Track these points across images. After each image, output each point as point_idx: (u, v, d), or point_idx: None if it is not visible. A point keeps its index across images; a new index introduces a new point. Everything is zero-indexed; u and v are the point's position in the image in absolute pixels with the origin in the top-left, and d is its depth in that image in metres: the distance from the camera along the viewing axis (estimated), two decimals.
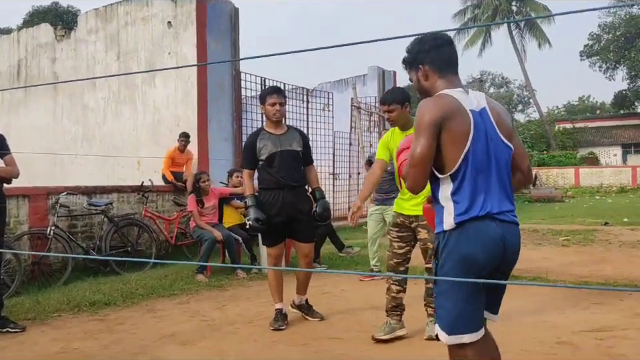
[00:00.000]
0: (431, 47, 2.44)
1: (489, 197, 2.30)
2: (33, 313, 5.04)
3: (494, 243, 2.29)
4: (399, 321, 4.27)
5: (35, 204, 6.99)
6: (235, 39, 10.01)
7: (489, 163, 2.32)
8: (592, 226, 12.30)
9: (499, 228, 2.30)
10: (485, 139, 2.32)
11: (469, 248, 2.28)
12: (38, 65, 12.00)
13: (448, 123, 2.27)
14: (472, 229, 2.28)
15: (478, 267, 2.28)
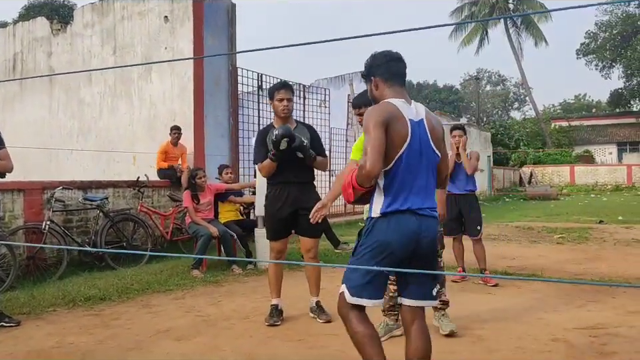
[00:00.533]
0: (381, 61, 2.84)
1: (414, 194, 2.71)
2: (27, 308, 5.03)
3: (410, 234, 2.69)
4: (396, 321, 4.27)
5: (30, 198, 6.97)
6: (232, 35, 9.99)
7: (419, 166, 2.73)
8: (587, 224, 12.35)
9: (417, 221, 2.71)
10: (419, 145, 2.72)
11: (387, 235, 2.68)
12: (34, 59, 11.94)
13: (393, 123, 2.66)
14: (394, 220, 2.69)
15: (387, 252, 2.68)
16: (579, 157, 35.94)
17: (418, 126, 2.73)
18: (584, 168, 33.47)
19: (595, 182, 31.59)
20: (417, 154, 2.72)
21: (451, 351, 3.87)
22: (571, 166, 33.58)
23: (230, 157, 9.80)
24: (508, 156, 34.52)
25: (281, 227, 4.63)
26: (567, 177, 32.91)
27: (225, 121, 9.85)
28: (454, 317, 4.72)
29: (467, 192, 6.20)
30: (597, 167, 34.16)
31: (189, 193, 7.21)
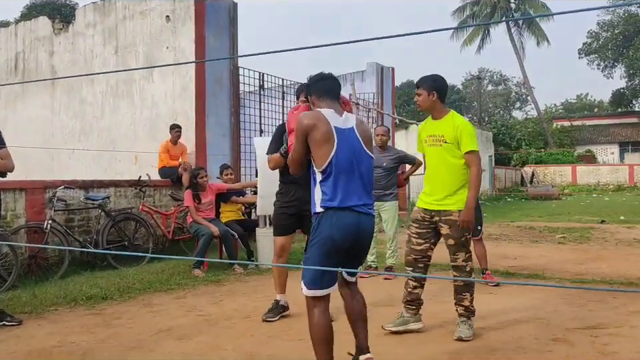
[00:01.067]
0: (314, 81, 3.36)
1: (350, 192, 3.11)
2: (29, 307, 5.03)
3: (350, 228, 3.10)
4: (414, 315, 4.33)
5: (32, 197, 6.98)
6: (234, 34, 9.98)
7: (351, 168, 3.13)
8: (588, 224, 12.35)
9: (356, 217, 3.12)
10: (350, 149, 3.14)
11: (331, 231, 3.07)
12: (36, 59, 11.96)
13: (311, 132, 3.09)
14: (335, 216, 3.08)
15: (335, 245, 3.08)
16: (580, 157, 35.90)
17: (348, 132, 3.16)
18: (586, 168, 33.44)
19: (597, 182, 31.57)
20: (349, 157, 3.13)
21: (452, 350, 3.87)
22: (572, 166, 33.55)
23: (231, 156, 9.80)
24: (510, 156, 34.50)
25: (285, 224, 4.74)
26: (569, 176, 32.88)
27: (226, 121, 9.86)
28: (455, 317, 4.73)
29: None
30: (598, 166, 34.12)
31: (190, 192, 7.22)
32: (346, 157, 3.11)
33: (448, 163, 4.18)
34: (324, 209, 3.10)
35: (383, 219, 6.72)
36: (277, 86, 11.07)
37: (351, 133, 3.18)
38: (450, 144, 4.16)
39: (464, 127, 4.16)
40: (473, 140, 4.17)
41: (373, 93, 14.57)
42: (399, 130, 19.90)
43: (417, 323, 4.34)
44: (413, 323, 4.31)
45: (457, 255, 4.20)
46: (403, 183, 7.19)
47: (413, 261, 4.34)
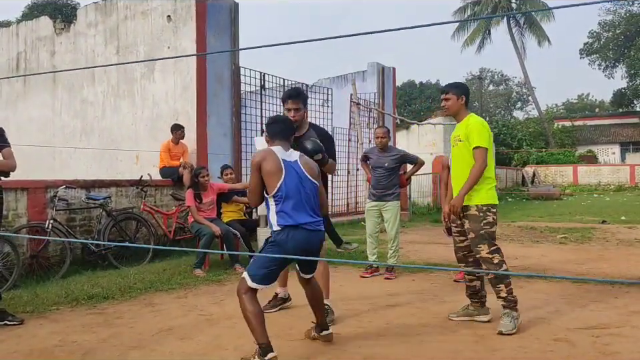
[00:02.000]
0: (268, 125, 4.02)
1: (299, 213, 3.69)
2: (31, 306, 5.04)
3: (300, 241, 3.68)
4: (480, 307, 4.55)
5: (34, 197, 6.99)
6: (235, 34, 9.99)
7: (298, 192, 3.71)
8: (590, 224, 12.34)
9: (305, 233, 3.70)
10: (297, 177, 3.74)
11: (286, 245, 3.65)
12: (37, 59, 11.97)
13: (263, 164, 3.69)
14: (290, 232, 3.66)
15: (286, 252, 3.61)
16: (581, 157, 35.88)
17: (293, 164, 3.78)
18: (587, 168, 33.42)
19: (598, 182, 31.55)
20: (296, 183, 3.72)
21: (453, 350, 3.87)
22: (573, 166, 33.54)
23: (232, 156, 9.81)
24: (510, 156, 34.47)
25: None
26: (570, 176, 32.86)
27: (227, 121, 9.86)
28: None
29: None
30: (600, 166, 34.10)
31: (191, 192, 7.22)
32: (294, 184, 3.71)
33: (465, 161, 4.44)
34: (281, 227, 3.68)
35: (385, 219, 6.71)
36: (278, 86, 11.08)
37: (296, 164, 3.80)
38: (464, 142, 4.44)
39: (474, 124, 4.42)
40: (480, 136, 4.35)
41: (374, 92, 14.57)
42: (400, 130, 19.89)
43: (485, 315, 4.55)
44: (480, 315, 4.54)
45: (479, 247, 4.35)
46: (405, 183, 7.17)
47: (462, 257, 4.67)
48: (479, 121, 4.46)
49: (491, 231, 4.36)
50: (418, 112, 47.42)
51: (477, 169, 4.31)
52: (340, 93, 13.75)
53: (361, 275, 6.65)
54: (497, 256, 4.34)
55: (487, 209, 4.36)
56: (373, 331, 4.37)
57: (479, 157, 4.32)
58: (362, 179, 10.61)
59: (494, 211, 4.40)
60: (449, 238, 5.21)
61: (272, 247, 3.72)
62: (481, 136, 4.35)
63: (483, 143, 4.33)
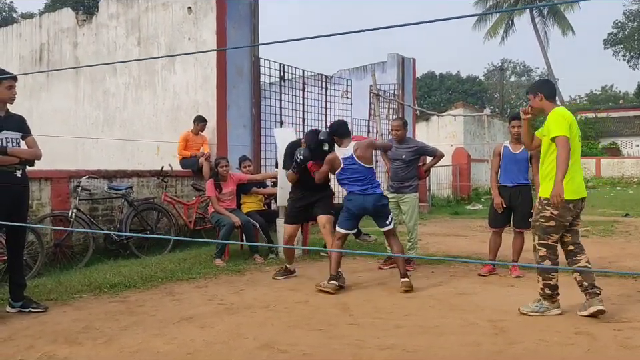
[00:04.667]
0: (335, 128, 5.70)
1: (358, 184, 5.51)
2: (55, 294, 5.14)
3: (360, 203, 5.51)
4: (552, 302, 4.55)
5: (58, 186, 7.10)
6: (255, 25, 10.00)
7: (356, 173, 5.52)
8: (612, 217, 12.17)
9: (361, 197, 5.50)
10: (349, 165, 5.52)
11: (350, 204, 5.56)
12: (60, 50, 12.12)
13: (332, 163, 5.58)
14: (352, 196, 5.55)
15: (351, 209, 5.55)
16: (605, 149, 35.32)
17: (348, 159, 5.53)
18: (610, 160, 32.91)
19: (621, 175, 31.07)
20: (351, 171, 5.51)
21: (473, 342, 3.86)
22: (596, 158, 33.04)
23: (252, 147, 9.85)
24: None
25: (294, 215, 6.04)
26: (593, 169, 32.40)
27: (247, 112, 9.90)
28: (476, 307, 4.72)
29: (519, 184, 6.11)
30: (623, 159, 33.55)
31: (212, 182, 7.26)
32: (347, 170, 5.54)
33: (543, 154, 4.59)
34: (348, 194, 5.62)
35: (403, 211, 6.66)
36: (298, 77, 11.07)
37: (352, 158, 5.53)
38: (544, 136, 4.55)
39: (550, 115, 4.49)
40: (558, 126, 4.38)
41: (394, 84, 14.49)
42: (420, 121, 19.77)
43: (556, 309, 4.55)
44: (552, 309, 4.54)
45: (533, 237, 4.63)
46: (424, 175, 7.10)
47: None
48: (557, 111, 4.55)
49: (545, 225, 4.49)
50: (438, 103, 47.14)
51: (562, 156, 4.32)
52: (359, 84, 13.70)
53: (379, 266, 6.65)
54: (543, 250, 4.55)
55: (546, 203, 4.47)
56: (391, 321, 4.38)
57: (560, 145, 4.34)
58: (381, 171, 10.57)
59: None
60: None
61: (344, 208, 5.61)
62: (558, 125, 4.41)
63: (560, 131, 4.37)
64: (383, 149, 6.89)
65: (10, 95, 4.61)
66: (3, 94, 4.56)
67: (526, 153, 6.03)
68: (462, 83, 52.68)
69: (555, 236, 4.53)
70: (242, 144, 9.59)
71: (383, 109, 13.33)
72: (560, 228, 4.51)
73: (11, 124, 4.63)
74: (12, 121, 4.65)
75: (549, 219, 4.44)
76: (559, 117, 4.42)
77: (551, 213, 4.43)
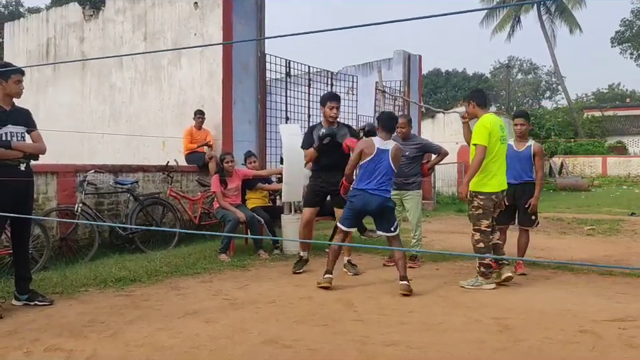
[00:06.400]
0: (384, 119, 5.52)
1: (373, 182, 5.28)
2: (60, 287, 5.16)
3: (362, 202, 5.29)
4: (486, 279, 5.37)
5: (64, 181, 7.13)
6: (261, 21, 9.99)
7: (375, 170, 5.29)
8: (618, 216, 12.13)
9: (368, 195, 5.27)
10: (379, 159, 5.30)
11: (355, 200, 5.35)
12: (66, 45, 12.14)
13: (364, 149, 5.32)
14: (359, 192, 5.32)
15: (355, 206, 5.34)
16: (611, 148, 35.14)
17: (383, 152, 5.30)
18: (616, 159, 32.73)
19: (628, 173, 30.92)
20: (374, 165, 5.29)
21: (477, 339, 3.86)
22: (603, 157, 32.87)
23: (257, 143, 9.85)
24: None
25: (314, 199, 6.14)
26: (599, 168, 32.25)
27: (252, 108, 9.90)
28: (480, 305, 4.72)
29: (523, 181, 6.10)
30: (629, 158, 33.37)
31: (217, 177, 7.27)
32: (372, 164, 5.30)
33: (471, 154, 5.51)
34: (354, 189, 5.39)
35: (406, 208, 6.65)
36: (303, 73, 11.06)
37: (385, 152, 5.31)
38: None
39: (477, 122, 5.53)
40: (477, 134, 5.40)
41: (400, 80, 14.46)
42: (425, 119, 19.73)
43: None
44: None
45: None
46: (427, 173, 7.09)
47: None
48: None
49: (476, 213, 5.38)
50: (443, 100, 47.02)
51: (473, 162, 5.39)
52: (365, 81, 13.69)
53: (384, 262, 6.65)
54: (477, 236, 5.39)
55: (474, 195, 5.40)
56: (395, 318, 4.38)
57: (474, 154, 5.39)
58: None
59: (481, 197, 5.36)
60: None
61: (349, 203, 5.40)
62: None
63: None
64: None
65: (17, 90, 4.62)
66: (10, 88, 4.57)
67: (529, 150, 6.07)
68: (468, 81, 52.52)
69: (486, 222, 5.36)
70: (247, 140, 9.60)
71: (388, 106, 13.31)
72: (488, 214, 5.36)
73: (17, 118, 4.64)
74: (17, 115, 4.67)
75: (478, 208, 5.36)
76: (480, 127, 5.34)
77: (478, 203, 5.34)
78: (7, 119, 4.56)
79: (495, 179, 5.38)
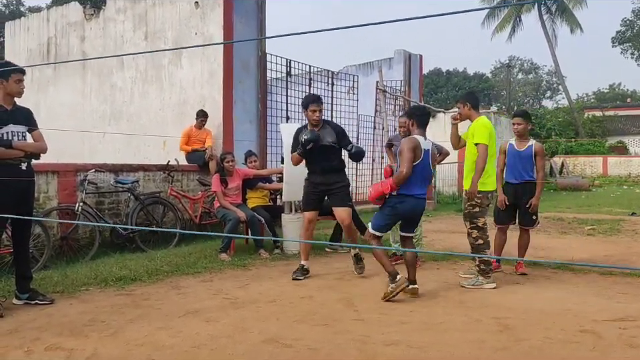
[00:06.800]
0: (420, 114, 5.06)
1: (420, 186, 4.94)
2: (61, 286, 5.16)
3: (409, 207, 4.96)
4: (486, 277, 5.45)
5: (64, 180, 7.13)
6: (262, 20, 9.99)
7: (423, 173, 4.92)
8: (619, 216, 12.12)
9: (414, 200, 4.94)
10: (425, 162, 4.91)
11: (401, 206, 4.94)
12: (67, 44, 12.15)
13: (415, 150, 4.81)
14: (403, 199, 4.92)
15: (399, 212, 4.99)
16: (612, 148, 35.09)
17: (427, 152, 4.90)
18: (617, 159, 32.68)
19: (628, 173, 30.88)
20: (423, 167, 4.89)
21: (477, 339, 3.86)
22: (603, 157, 32.82)
23: (258, 143, 9.85)
24: None
25: (312, 201, 5.94)
26: (600, 167, 32.20)
27: (253, 107, 9.90)
28: (480, 304, 4.72)
29: (524, 181, 6.10)
30: (630, 158, 33.32)
31: (218, 177, 7.27)
32: (422, 167, 4.88)
33: (467, 153, 5.71)
34: (397, 195, 4.90)
35: None
36: (304, 73, 11.06)
37: (426, 153, 4.90)
38: (469, 139, 5.75)
39: (475, 123, 5.65)
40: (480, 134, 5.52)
41: (401, 80, 14.45)
42: None
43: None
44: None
45: (465, 224, 5.62)
46: None
47: None
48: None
49: (473, 212, 5.49)
50: (444, 100, 47.00)
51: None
52: (366, 80, 13.69)
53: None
54: (475, 232, 5.50)
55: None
56: (396, 317, 4.39)
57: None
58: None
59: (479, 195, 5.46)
60: None
61: (387, 206, 4.98)
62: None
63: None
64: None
65: (18, 89, 4.62)
66: (11, 87, 4.57)
67: (530, 150, 6.06)
68: (469, 80, 52.51)
69: (482, 219, 5.48)
70: (248, 139, 9.60)
71: (389, 106, 13.31)
72: (484, 212, 5.51)
73: (18, 117, 4.64)
74: (19, 115, 4.67)
75: (475, 206, 5.46)
76: (481, 127, 5.47)
77: (476, 201, 5.45)
78: (9, 118, 4.57)
79: (491, 178, 5.60)
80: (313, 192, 5.93)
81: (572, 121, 37.61)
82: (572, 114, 38.11)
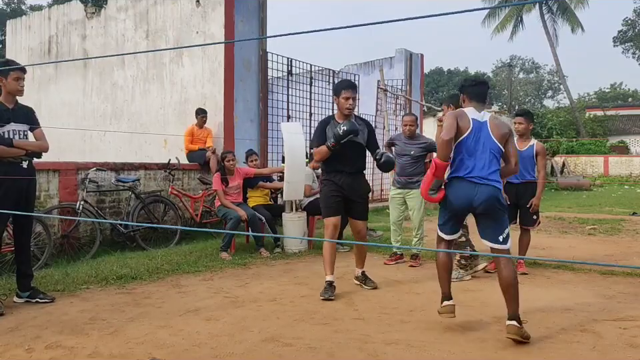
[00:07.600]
0: (469, 85, 4.14)
1: (471, 166, 3.89)
2: (62, 285, 5.17)
3: (465, 194, 3.90)
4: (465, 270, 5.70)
5: (65, 178, 7.14)
6: (263, 19, 10.00)
7: (477, 148, 3.91)
8: (620, 216, 12.11)
9: (467, 184, 3.88)
10: (478, 135, 3.93)
11: (449, 196, 4.00)
12: (68, 42, 12.15)
13: (458, 121, 3.94)
14: (454, 185, 3.97)
15: (450, 207, 4.04)
16: (613, 148, 35.06)
17: (480, 124, 3.94)
18: (618, 159, 32.65)
19: (630, 173, 30.86)
20: (476, 140, 3.91)
21: (478, 338, 3.86)
22: (604, 156, 32.80)
23: (259, 141, 9.86)
24: None
25: (335, 206, 5.15)
26: (601, 167, 32.19)
27: (254, 106, 9.91)
28: (481, 304, 4.72)
29: (525, 181, 6.09)
30: (631, 157, 33.29)
31: (219, 175, 7.28)
32: (473, 141, 3.92)
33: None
34: (447, 180, 4.01)
35: (409, 207, 6.68)
36: (305, 72, 11.06)
37: (484, 125, 3.96)
38: None
39: None
40: None
41: (402, 79, 14.47)
42: (427, 117, 19.72)
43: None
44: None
45: None
46: None
47: None
48: None
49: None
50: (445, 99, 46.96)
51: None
52: (367, 79, 13.70)
53: (385, 261, 6.66)
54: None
55: None
56: (396, 316, 4.39)
57: None
58: None
59: None
60: None
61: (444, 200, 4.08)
62: None
63: None
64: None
65: (17, 87, 4.61)
66: (10, 85, 4.57)
67: (532, 149, 6.07)
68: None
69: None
70: (249, 138, 9.61)
71: (390, 105, 13.32)
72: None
73: (19, 116, 4.65)
74: (20, 113, 4.67)
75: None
76: None
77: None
78: (10, 116, 4.57)
79: None
80: (334, 195, 5.12)
81: (573, 120, 37.58)
82: (573, 113, 38.08)
